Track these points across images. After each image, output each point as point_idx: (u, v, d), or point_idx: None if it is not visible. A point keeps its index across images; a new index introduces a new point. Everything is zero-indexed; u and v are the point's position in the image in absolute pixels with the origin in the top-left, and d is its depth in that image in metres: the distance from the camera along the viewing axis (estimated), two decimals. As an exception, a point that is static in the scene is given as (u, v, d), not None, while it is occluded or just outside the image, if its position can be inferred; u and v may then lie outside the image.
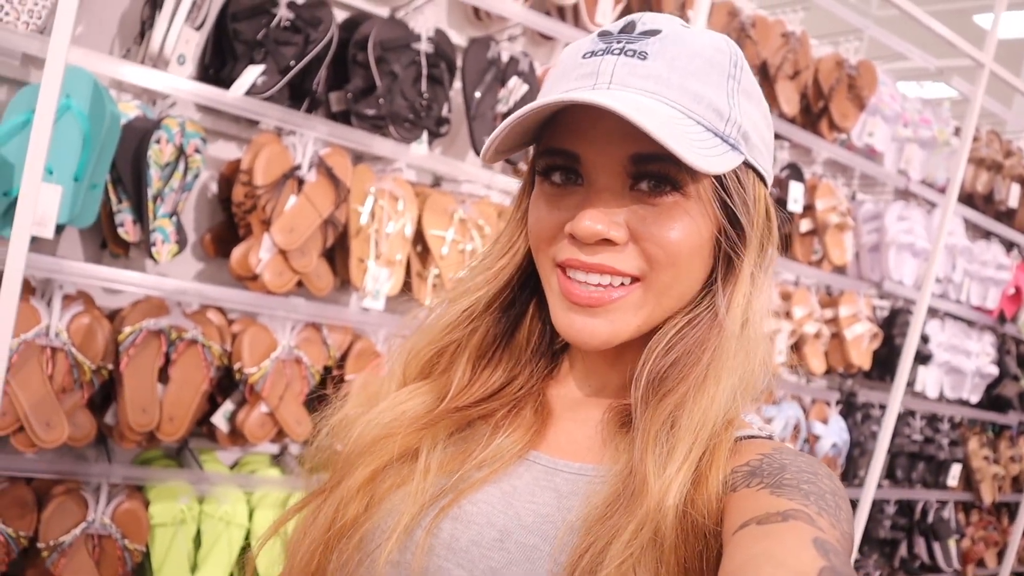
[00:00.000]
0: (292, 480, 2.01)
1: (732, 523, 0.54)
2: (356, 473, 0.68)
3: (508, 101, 2.06)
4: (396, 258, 1.97)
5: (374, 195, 1.94)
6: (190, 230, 1.93)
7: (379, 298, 1.96)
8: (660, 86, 0.61)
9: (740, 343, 0.64)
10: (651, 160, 0.61)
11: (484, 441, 0.68)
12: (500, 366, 0.73)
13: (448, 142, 2.23)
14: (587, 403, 0.72)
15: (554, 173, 0.65)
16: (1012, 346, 3.76)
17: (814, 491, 0.55)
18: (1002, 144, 3.49)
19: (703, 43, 0.63)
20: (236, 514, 1.91)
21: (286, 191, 1.81)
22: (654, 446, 0.60)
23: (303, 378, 1.93)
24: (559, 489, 0.64)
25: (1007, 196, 3.46)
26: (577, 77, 0.63)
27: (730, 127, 0.63)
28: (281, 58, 1.80)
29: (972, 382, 3.52)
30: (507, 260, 0.72)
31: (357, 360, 2.01)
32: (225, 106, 1.75)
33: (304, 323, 1.96)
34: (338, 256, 1.99)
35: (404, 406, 0.71)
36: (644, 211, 0.63)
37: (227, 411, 1.92)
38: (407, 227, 1.98)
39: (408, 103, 1.93)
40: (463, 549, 0.62)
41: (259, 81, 1.76)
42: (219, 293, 1.80)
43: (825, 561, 0.47)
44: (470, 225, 2.07)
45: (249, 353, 1.84)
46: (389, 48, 1.91)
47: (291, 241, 1.79)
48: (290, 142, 1.86)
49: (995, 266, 3.50)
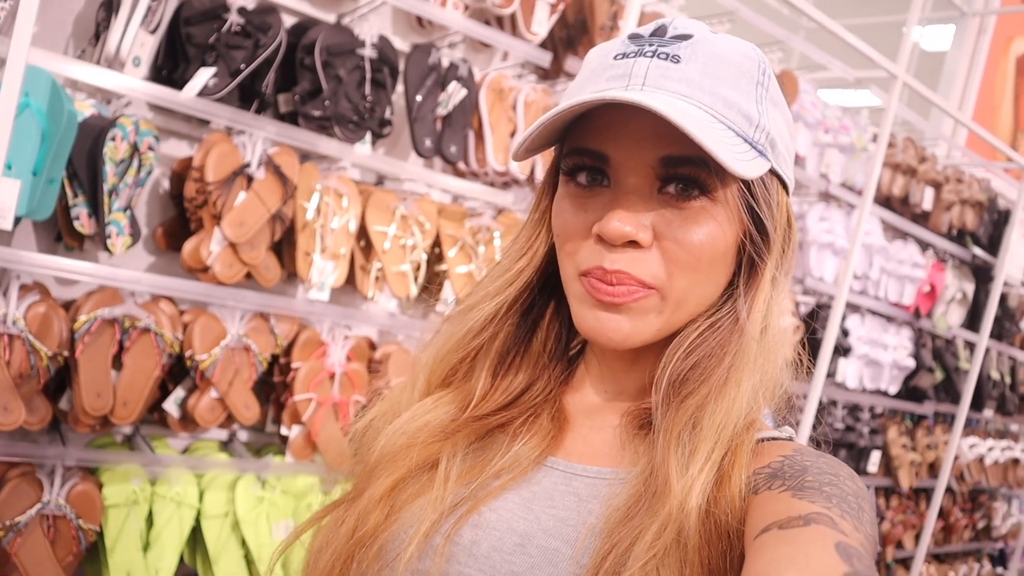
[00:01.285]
0: (240, 463, 2.10)
1: (754, 527, 0.54)
2: (378, 483, 0.68)
3: (448, 104, 2.18)
4: (340, 252, 2.08)
5: (320, 192, 2.04)
6: (143, 224, 2.01)
7: (324, 290, 2.06)
8: (693, 90, 0.61)
9: (760, 347, 0.64)
10: (682, 163, 0.61)
11: (502, 449, 0.68)
12: (521, 371, 0.72)
13: (391, 143, 2.34)
14: (604, 408, 0.71)
15: (580, 174, 0.65)
16: (928, 340, 3.98)
17: (836, 493, 0.55)
18: (917, 150, 3.71)
19: (733, 49, 0.63)
20: (187, 495, 1.99)
21: (236, 187, 1.90)
22: (676, 446, 0.60)
23: (251, 365, 2.02)
24: (579, 493, 0.64)
25: (921, 199, 3.68)
26: (609, 78, 0.63)
27: (759, 133, 0.63)
28: (232, 61, 1.89)
29: (890, 374, 3.72)
30: (526, 261, 0.71)
31: (303, 349, 2.11)
32: (178, 106, 1.84)
33: (253, 313, 2.06)
34: (285, 249, 2.09)
35: (428, 416, 0.71)
36: (671, 215, 0.62)
37: (178, 397, 2.00)
38: (351, 223, 2.09)
39: (352, 105, 2.04)
40: (484, 555, 0.62)
41: (210, 83, 1.85)
42: (171, 283, 1.88)
43: (848, 567, 0.47)
44: (411, 221, 2.19)
45: (200, 341, 1.93)
46: (335, 53, 2.02)
47: (241, 235, 1.89)
48: (240, 141, 1.96)
49: (911, 264, 3.72)
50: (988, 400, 4.45)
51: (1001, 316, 4.43)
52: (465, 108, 2.25)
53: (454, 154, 2.24)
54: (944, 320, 4.00)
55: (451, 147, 2.24)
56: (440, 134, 2.23)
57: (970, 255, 4.10)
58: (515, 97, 2.35)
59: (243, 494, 2.06)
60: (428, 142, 2.18)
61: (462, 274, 2.31)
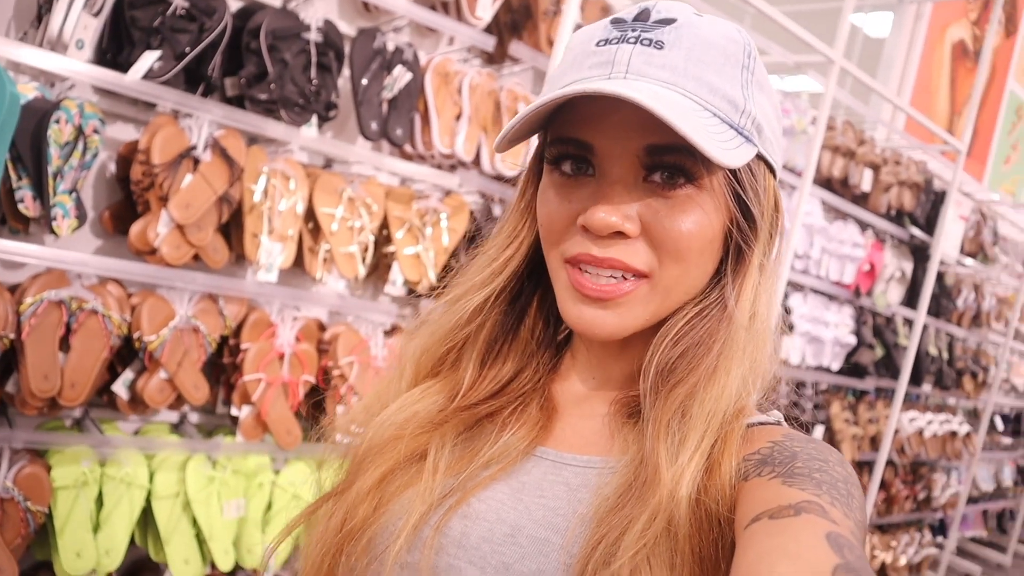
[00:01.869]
0: (190, 443, 2.12)
1: (744, 515, 0.54)
2: (367, 475, 0.67)
3: (393, 88, 2.21)
4: (288, 234, 2.10)
5: (267, 175, 2.07)
6: (89, 208, 2.02)
7: (272, 271, 2.09)
8: (677, 76, 0.60)
9: (749, 334, 0.64)
10: (667, 151, 0.60)
11: (491, 440, 0.67)
12: (509, 359, 0.72)
13: (338, 126, 2.37)
14: (592, 397, 0.70)
15: (565, 163, 0.64)
16: (868, 318, 4.11)
17: (826, 480, 0.55)
18: (856, 133, 3.82)
19: (718, 33, 0.62)
20: (137, 476, 2.01)
21: (182, 170, 1.92)
22: (666, 435, 0.59)
23: (200, 346, 2.04)
24: (569, 482, 0.64)
25: (861, 181, 3.79)
26: (591, 66, 0.62)
27: (745, 119, 0.62)
28: (177, 44, 1.90)
29: (832, 351, 3.84)
30: (513, 251, 0.71)
31: (252, 329, 2.13)
32: (123, 89, 1.85)
33: (201, 295, 2.08)
34: (233, 231, 2.11)
35: (416, 407, 0.70)
36: (657, 203, 0.62)
37: (127, 379, 2.02)
38: (298, 205, 2.12)
39: (298, 89, 2.06)
40: (474, 546, 0.61)
41: (155, 66, 1.86)
42: (119, 265, 1.90)
43: (839, 558, 0.46)
44: (358, 203, 2.22)
45: (148, 322, 1.95)
46: (280, 37, 2.04)
47: (187, 216, 1.91)
48: (186, 124, 1.97)
49: (851, 244, 3.83)
50: (926, 375, 4.62)
51: (938, 294, 4.59)
52: (411, 92, 2.28)
53: (400, 137, 2.28)
54: (884, 298, 4.13)
55: (397, 130, 2.27)
56: (386, 117, 2.26)
57: (908, 235, 4.24)
58: (460, 81, 2.39)
59: (193, 474, 2.08)
60: (374, 125, 2.22)
61: (410, 255, 2.35)
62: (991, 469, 5.96)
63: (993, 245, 5.08)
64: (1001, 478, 6.07)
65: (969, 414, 5.63)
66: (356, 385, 2.24)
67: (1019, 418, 6.32)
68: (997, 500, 6.06)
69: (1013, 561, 6.11)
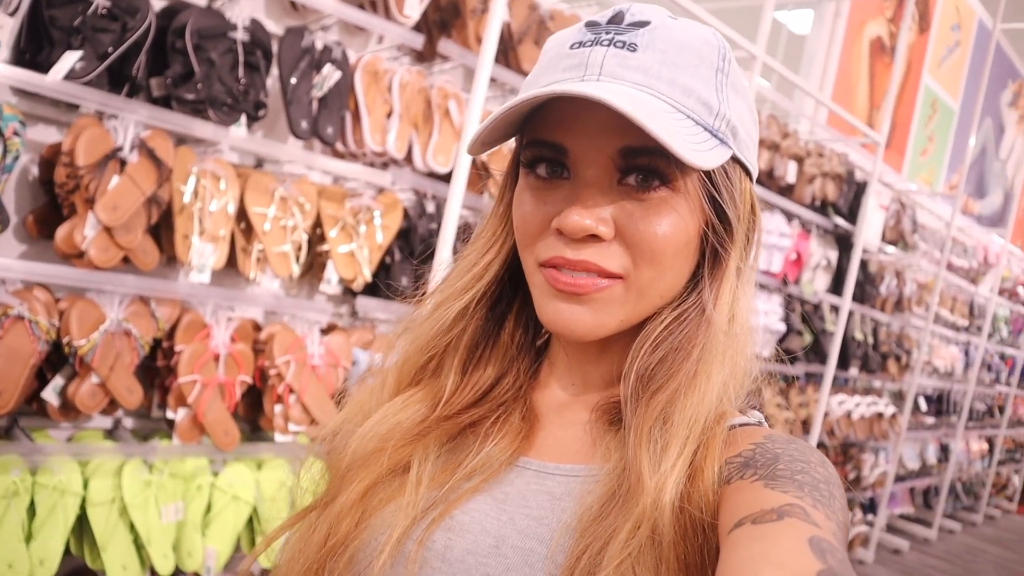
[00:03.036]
0: (125, 448, 2.10)
1: (728, 520, 0.53)
2: (350, 489, 0.67)
3: (323, 87, 2.22)
4: (220, 234, 2.09)
5: (196, 175, 2.05)
6: (12, 212, 1.97)
7: (205, 272, 2.08)
8: (650, 79, 0.60)
9: (728, 338, 0.63)
10: (641, 154, 0.60)
11: (474, 451, 0.67)
12: (490, 364, 0.72)
13: (268, 125, 2.36)
14: (572, 404, 0.70)
15: (540, 165, 0.64)
16: (796, 305, 4.24)
17: (808, 482, 0.55)
18: (779, 126, 3.94)
19: (692, 36, 0.62)
20: (71, 483, 1.98)
21: (109, 171, 1.90)
22: (648, 442, 0.59)
23: (133, 349, 2.02)
24: (552, 492, 0.63)
25: (786, 172, 3.91)
26: (565, 68, 0.62)
27: (719, 121, 0.62)
28: (99, 44, 1.88)
29: (763, 338, 3.96)
30: (493, 255, 0.71)
31: (186, 331, 2.12)
32: (44, 90, 1.81)
33: (132, 297, 2.06)
34: (164, 233, 2.09)
35: (398, 416, 0.70)
36: (632, 206, 0.61)
37: (57, 385, 1.98)
38: (230, 205, 2.11)
39: (226, 88, 2.05)
40: (458, 559, 0.61)
41: (77, 66, 1.83)
42: (45, 270, 1.87)
43: (822, 563, 0.46)
44: (291, 202, 2.22)
45: (78, 326, 1.92)
46: (206, 36, 2.03)
47: (115, 218, 1.88)
48: (111, 125, 1.94)
49: (778, 234, 3.95)
50: (853, 359, 4.78)
51: (862, 281, 4.76)
52: (341, 90, 2.29)
53: (331, 135, 2.28)
54: (811, 286, 4.27)
55: (328, 128, 2.28)
56: (316, 116, 2.26)
57: (832, 224, 4.38)
58: (390, 79, 2.41)
59: (130, 479, 2.06)
60: (304, 124, 2.22)
61: (344, 253, 2.36)
62: (916, 448, 6.20)
63: (913, 233, 5.28)
64: (925, 456, 6.32)
65: (894, 396, 5.85)
66: (293, 384, 2.24)
67: (941, 398, 6.59)
68: (922, 478, 6.30)
69: (938, 535, 6.37)
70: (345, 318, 2.60)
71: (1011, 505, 8.47)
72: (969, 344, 6.85)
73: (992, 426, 7.74)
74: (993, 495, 8.19)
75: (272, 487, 2.33)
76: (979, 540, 6.66)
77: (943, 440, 6.63)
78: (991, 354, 7.44)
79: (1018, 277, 7.78)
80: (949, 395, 6.66)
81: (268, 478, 2.33)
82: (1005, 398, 7.99)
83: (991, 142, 7.02)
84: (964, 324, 6.48)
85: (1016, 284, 7.71)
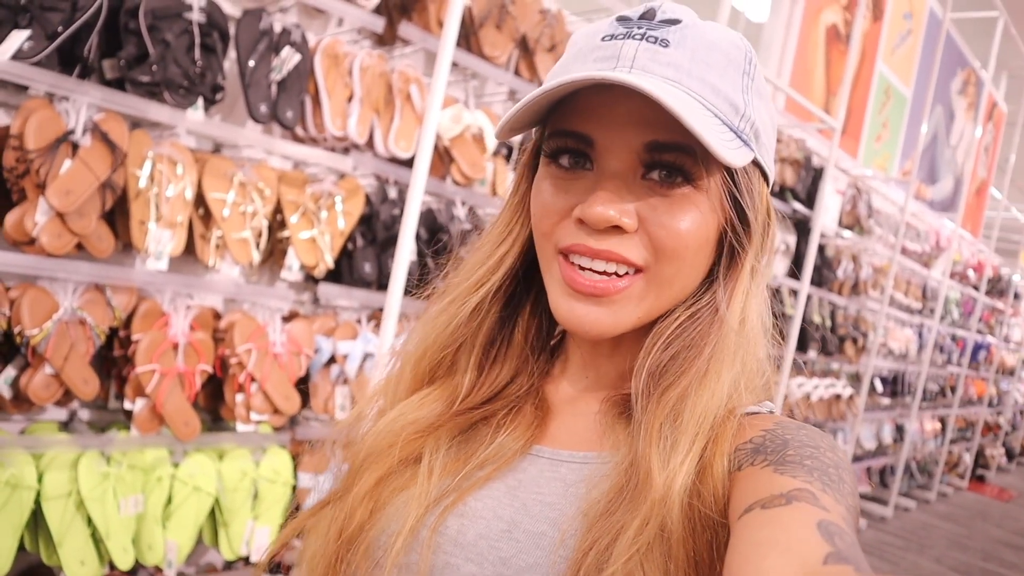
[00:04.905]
0: (81, 439, 2.05)
1: (738, 505, 0.54)
2: (363, 480, 0.68)
3: (281, 70, 2.17)
4: (177, 220, 2.04)
5: (152, 159, 2.00)
6: (-42, 198, 1.91)
7: (162, 259, 2.03)
8: (681, 75, 0.60)
9: (740, 337, 0.64)
10: (667, 149, 0.60)
11: (486, 441, 0.68)
12: (506, 363, 0.72)
13: (226, 109, 2.31)
14: (584, 396, 0.71)
15: (563, 156, 0.64)
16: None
17: (817, 466, 0.55)
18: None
19: (720, 37, 0.62)
20: (24, 477, 1.92)
21: (60, 155, 1.84)
22: (658, 439, 0.59)
23: (88, 339, 1.97)
24: (565, 479, 0.64)
25: (745, 158, 3.94)
26: (596, 59, 0.62)
27: (744, 123, 0.62)
28: (48, 24, 1.82)
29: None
30: (507, 247, 0.70)
31: (143, 320, 2.07)
32: (-10, 71, 1.76)
33: (87, 285, 2.00)
34: (119, 219, 2.03)
35: (415, 414, 0.70)
36: (656, 201, 0.62)
37: (8, 377, 1.93)
38: (187, 190, 2.06)
39: (182, 70, 2.00)
40: (471, 543, 0.62)
41: (25, 46, 1.77)
42: (-6, 257, 1.81)
43: (830, 546, 0.47)
44: (250, 188, 2.18)
45: (29, 316, 1.86)
46: (160, 17, 1.97)
47: (68, 203, 1.83)
48: (62, 108, 1.89)
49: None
50: (812, 342, 4.85)
51: (820, 265, 4.82)
52: (300, 74, 2.25)
53: (290, 119, 2.24)
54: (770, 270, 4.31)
55: (287, 112, 2.24)
56: (276, 100, 2.22)
57: (791, 209, 4.44)
58: (351, 63, 2.37)
59: (86, 471, 2.01)
60: (263, 107, 2.18)
61: (305, 240, 2.32)
62: (872, 428, 6.33)
63: (868, 218, 5.37)
64: (882, 436, 6.45)
65: (851, 378, 5.95)
66: (255, 372, 2.21)
67: (896, 380, 6.73)
68: (879, 457, 6.44)
69: (894, 513, 6.52)
70: (307, 305, 2.57)
71: (962, 482, 8.70)
72: (922, 326, 7.00)
73: (944, 406, 7.93)
74: (946, 473, 8.39)
75: (234, 478, 2.29)
76: (932, 517, 6.82)
77: (898, 420, 6.78)
78: (943, 336, 7.61)
79: (968, 260, 7.96)
80: (904, 376, 6.80)
81: (230, 468, 2.29)
82: (956, 378, 8.19)
83: (942, 129, 7.16)
84: (918, 307, 6.62)
85: (966, 267, 7.89)
